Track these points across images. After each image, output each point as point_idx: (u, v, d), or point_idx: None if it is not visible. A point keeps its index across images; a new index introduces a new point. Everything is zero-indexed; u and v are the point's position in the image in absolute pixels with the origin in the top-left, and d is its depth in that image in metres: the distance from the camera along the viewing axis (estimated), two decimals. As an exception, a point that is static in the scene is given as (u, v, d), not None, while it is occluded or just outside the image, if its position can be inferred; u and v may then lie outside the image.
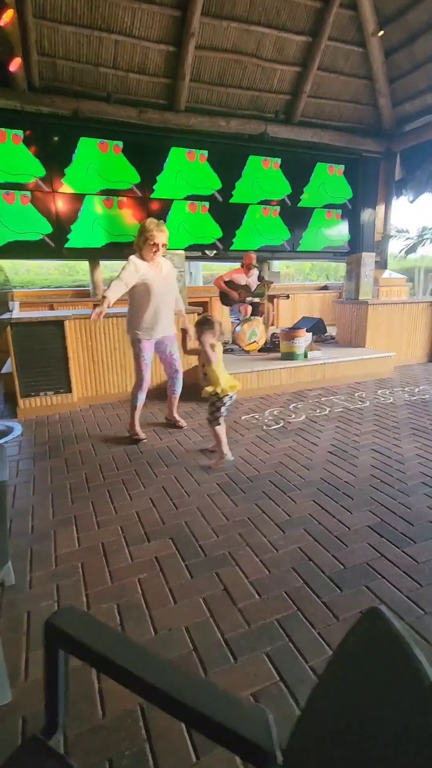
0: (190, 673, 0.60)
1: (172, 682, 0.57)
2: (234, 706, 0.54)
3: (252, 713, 0.52)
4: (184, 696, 0.55)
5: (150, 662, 0.61)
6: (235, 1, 5.67)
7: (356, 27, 6.31)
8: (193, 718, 0.53)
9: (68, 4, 5.14)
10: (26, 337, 3.62)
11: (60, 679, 0.69)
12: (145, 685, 0.58)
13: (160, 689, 0.56)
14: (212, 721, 0.52)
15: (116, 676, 0.63)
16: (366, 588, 1.63)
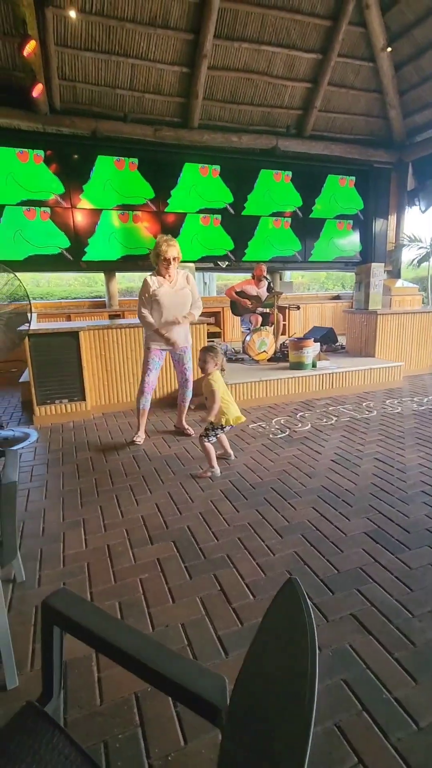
0: (162, 644, 0.69)
1: (147, 651, 0.66)
2: (196, 672, 0.62)
3: (211, 679, 0.61)
4: (156, 663, 0.64)
5: (128, 634, 0.70)
6: (246, 23, 5.87)
7: (365, 43, 6.44)
8: (162, 682, 0.62)
9: (88, 32, 5.42)
10: (43, 348, 3.79)
11: (55, 653, 0.79)
12: (124, 654, 0.67)
13: (135, 657, 0.65)
14: (177, 684, 0.61)
15: (100, 647, 0.72)
16: (357, 591, 1.68)
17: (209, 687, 0.59)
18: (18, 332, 3.51)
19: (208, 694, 0.58)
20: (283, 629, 0.48)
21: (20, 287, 3.44)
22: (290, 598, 0.48)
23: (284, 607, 0.49)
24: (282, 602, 0.50)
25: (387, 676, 1.32)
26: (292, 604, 0.46)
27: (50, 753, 0.70)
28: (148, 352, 3.30)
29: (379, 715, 1.20)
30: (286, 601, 0.49)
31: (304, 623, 0.42)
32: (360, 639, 1.46)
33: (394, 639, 1.46)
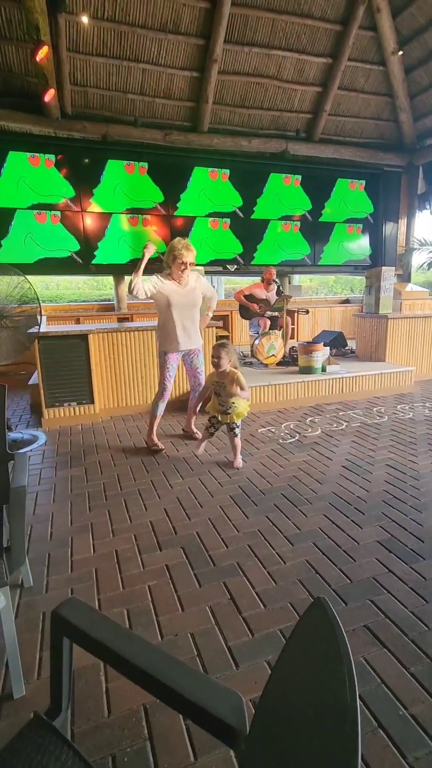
0: (176, 659, 0.67)
1: (159, 666, 0.63)
2: (212, 690, 0.60)
3: (227, 697, 0.58)
4: (169, 679, 0.61)
5: (141, 648, 0.67)
6: (256, 29, 5.88)
7: (376, 47, 6.42)
8: (175, 699, 0.59)
9: (100, 38, 5.47)
10: (52, 350, 3.80)
11: (64, 665, 0.77)
12: (136, 669, 0.64)
13: (148, 673, 0.62)
14: (191, 702, 0.58)
15: (112, 661, 0.69)
16: (371, 602, 1.64)
17: (226, 707, 0.56)
18: (28, 335, 3.52)
19: (225, 715, 0.55)
20: (313, 657, 0.45)
21: (30, 290, 3.45)
22: (320, 621, 0.45)
23: (313, 632, 0.46)
24: (310, 626, 0.47)
25: (403, 692, 1.28)
26: (322, 629, 0.43)
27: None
28: (165, 357, 3.21)
29: (395, 732, 1.16)
30: (315, 625, 0.46)
31: (338, 652, 0.39)
32: (374, 652, 1.42)
33: (410, 653, 1.42)
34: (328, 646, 0.40)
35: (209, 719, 0.57)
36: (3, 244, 5.78)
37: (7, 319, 3.40)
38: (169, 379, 3.24)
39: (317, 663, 0.43)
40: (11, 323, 3.44)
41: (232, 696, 0.59)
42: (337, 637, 0.40)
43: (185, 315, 3.16)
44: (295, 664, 0.48)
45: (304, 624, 0.48)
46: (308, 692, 0.42)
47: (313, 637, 0.46)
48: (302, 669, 0.47)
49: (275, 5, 5.77)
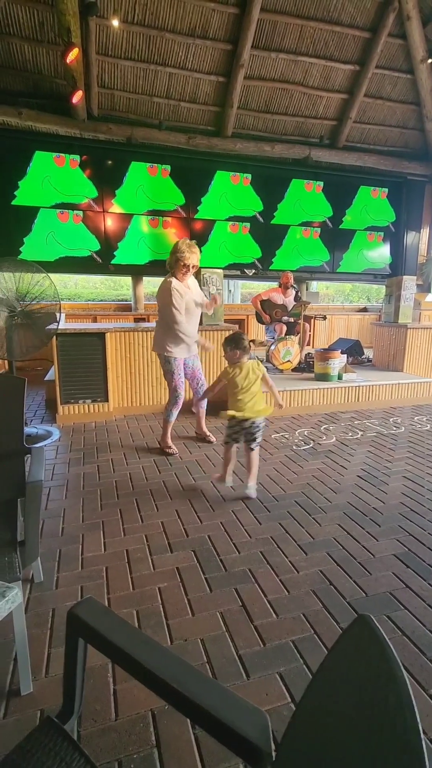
0: (198, 670, 0.64)
1: (181, 677, 0.60)
2: (236, 706, 0.57)
3: (252, 714, 0.55)
4: (190, 691, 0.59)
5: (161, 656, 0.65)
6: (284, 34, 5.89)
7: (404, 55, 6.37)
8: (197, 714, 0.57)
9: (128, 42, 5.54)
10: (69, 347, 3.82)
11: (78, 667, 0.74)
12: (155, 678, 0.62)
13: (168, 683, 0.60)
14: (214, 718, 0.55)
15: (128, 667, 0.67)
16: (387, 618, 1.59)
17: (250, 724, 0.53)
18: (46, 331, 3.54)
19: (249, 733, 0.52)
20: (360, 680, 0.42)
21: (50, 287, 3.48)
22: (365, 641, 0.41)
23: (358, 652, 0.42)
24: (354, 645, 0.44)
25: (422, 715, 1.22)
26: (369, 650, 0.40)
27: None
28: (175, 363, 3.11)
29: (414, 757, 1.11)
30: (360, 645, 0.42)
31: (392, 675, 0.36)
32: (391, 670, 1.37)
33: (429, 673, 1.36)
34: (377, 669, 0.37)
35: (233, 737, 0.54)
36: (26, 241, 5.86)
37: (28, 315, 3.43)
38: (182, 385, 3.19)
39: (365, 690, 0.39)
40: (30, 319, 3.47)
41: (257, 714, 0.56)
42: (390, 660, 0.37)
43: (193, 320, 3.14)
44: (335, 686, 0.45)
45: (346, 643, 0.45)
46: (355, 724, 0.39)
47: (358, 658, 0.42)
48: (345, 691, 0.44)
49: (304, 12, 5.77)
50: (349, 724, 0.39)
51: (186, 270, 3.00)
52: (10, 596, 0.71)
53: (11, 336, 3.34)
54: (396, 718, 0.34)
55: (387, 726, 0.34)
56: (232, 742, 0.53)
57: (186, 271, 3.01)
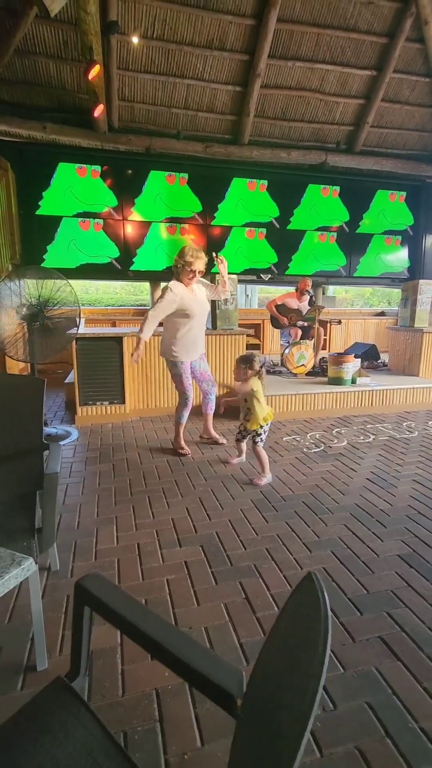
0: (186, 635, 0.72)
1: (171, 638, 0.69)
2: (216, 663, 0.65)
3: (229, 670, 0.63)
4: (180, 651, 0.67)
5: (154, 621, 0.73)
6: (300, 43, 5.97)
7: (423, 59, 6.35)
8: (184, 669, 0.65)
9: (148, 56, 5.72)
10: (88, 351, 3.98)
11: (84, 632, 0.84)
12: (149, 639, 0.70)
13: (159, 643, 0.68)
14: (197, 672, 0.63)
15: (127, 630, 0.76)
16: (387, 614, 1.63)
17: (227, 677, 0.61)
18: (67, 335, 3.70)
19: (226, 684, 0.60)
20: (300, 622, 0.49)
21: (71, 293, 3.64)
22: (309, 592, 0.49)
23: (304, 601, 0.50)
24: (300, 595, 0.52)
25: (414, 705, 1.27)
26: (310, 598, 0.48)
27: (75, 725, 0.74)
28: (182, 367, 3.19)
29: (403, 744, 1.16)
30: (304, 596, 0.50)
31: (319, 612, 0.43)
32: (388, 664, 1.42)
33: (424, 668, 1.40)
34: (313, 613, 0.44)
35: (212, 687, 0.62)
36: (49, 249, 6.10)
37: (50, 320, 3.60)
38: (190, 387, 3.25)
39: (302, 628, 0.47)
40: (52, 324, 3.63)
41: (233, 670, 0.64)
42: (321, 604, 0.45)
43: (199, 323, 3.20)
44: (283, 630, 0.53)
45: (295, 595, 0.53)
46: (290, 649, 0.47)
47: (302, 605, 0.50)
48: (288, 634, 0.51)
49: (321, 20, 5.84)
50: (289, 656, 0.47)
51: (192, 275, 3.06)
52: (26, 565, 0.81)
53: (33, 340, 3.51)
54: (317, 639, 0.42)
55: (310, 645, 0.42)
56: (212, 691, 0.61)
57: (192, 276, 3.07)
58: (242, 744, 0.49)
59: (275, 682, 0.45)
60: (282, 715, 0.39)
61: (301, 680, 0.40)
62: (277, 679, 0.46)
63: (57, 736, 0.71)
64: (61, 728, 0.72)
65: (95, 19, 4.26)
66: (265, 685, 0.44)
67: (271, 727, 0.41)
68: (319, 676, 0.39)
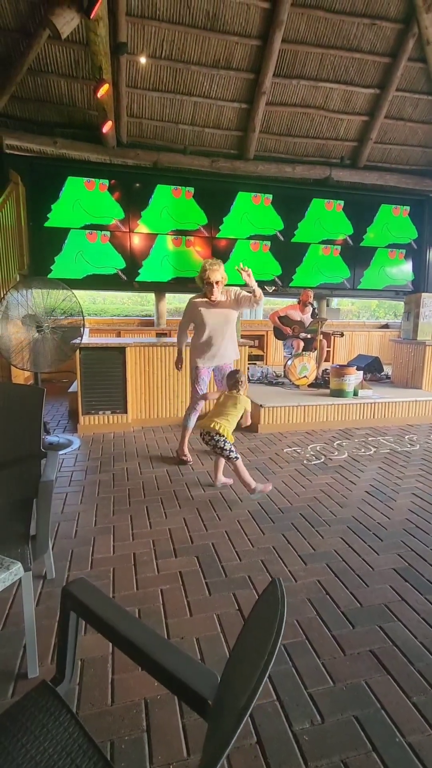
0: (166, 640, 0.74)
1: (151, 642, 0.71)
2: (193, 668, 0.66)
3: (205, 675, 0.65)
4: (159, 656, 0.69)
5: (136, 626, 0.75)
6: (305, 63, 6.11)
7: (425, 78, 6.47)
8: (162, 674, 0.67)
9: (156, 75, 5.89)
10: (92, 361, 4.03)
11: (70, 637, 0.86)
12: (130, 643, 0.72)
13: (138, 646, 0.70)
14: (174, 677, 0.65)
15: (109, 635, 0.78)
16: (379, 628, 1.62)
17: (201, 681, 0.63)
18: (71, 345, 3.77)
19: (199, 687, 0.62)
20: (259, 625, 0.52)
21: (76, 303, 3.71)
22: (272, 597, 0.51)
23: (267, 604, 0.53)
24: (266, 600, 0.54)
25: (402, 720, 1.26)
26: (272, 603, 0.50)
27: (57, 728, 0.76)
28: (197, 371, 3.33)
29: (389, 758, 1.15)
30: (269, 599, 0.53)
31: (276, 615, 0.46)
32: (377, 678, 1.41)
33: (414, 682, 1.39)
34: (272, 616, 0.47)
35: (187, 691, 0.64)
36: (56, 260, 6.22)
37: (55, 330, 3.67)
38: (201, 390, 3.34)
39: (263, 627, 0.49)
40: (57, 334, 3.70)
41: (209, 675, 0.66)
42: (279, 607, 0.47)
43: (216, 331, 3.27)
44: (245, 633, 0.55)
45: (260, 601, 0.55)
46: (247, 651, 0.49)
47: (264, 610, 0.52)
48: (248, 637, 0.54)
49: (325, 41, 5.98)
50: (244, 657, 0.49)
51: (210, 287, 3.17)
52: (14, 569, 0.84)
53: (38, 349, 3.57)
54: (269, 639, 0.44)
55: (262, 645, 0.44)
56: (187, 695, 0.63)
57: (211, 288, 3.17)
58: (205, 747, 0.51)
59: (230, 683, 0.47)
60: (225, 713, 0.41)
61: (245, 679, 0.43)
62: (232, 680, 0.48)
63: (38, 738, 0.73)
64: (42, 731, 0.74)
65: (104, 41, 4.40)
66: (225, 687, 0.46)
67: (217, 725, 0.43)
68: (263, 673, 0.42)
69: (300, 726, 1.24)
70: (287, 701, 1.32)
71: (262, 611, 0.53)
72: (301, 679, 1.40)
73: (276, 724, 1.25)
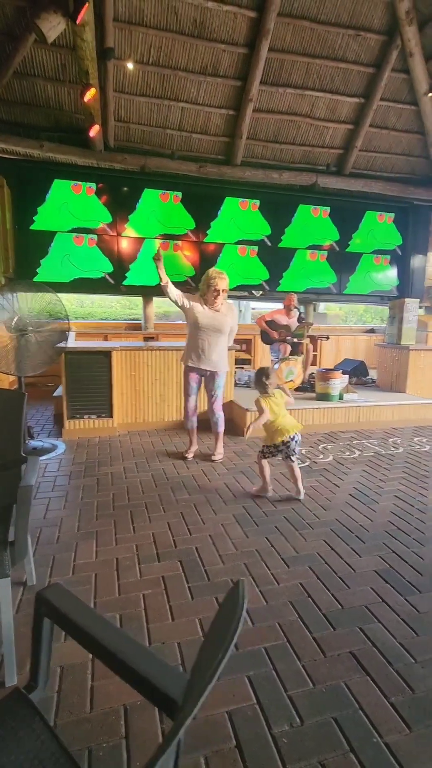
0: (137, 642, 0.74)
1: (122, 646, 0.71)
2: (163, 670, 0.67)
3: (175, 677, 0.65)
4: (127, 657, 0.69)
5: (108, 629, 0.75)
6: (291, 71, 6.20)
7: (408, 88, 6.61)
8: (134, 677, 0.67)
9: (144, 80, 5.91)
10: (77, 364, 4.01)
11: (44, 644, 0.85)
12: (101, 647, 0.72)
13: (110, 650, 0.70)
14: (145, 679, 0.65)
15: (84, 642, 0.78)
16: (359, 629, 1.64)
17: (172, 683, 0.64)
18: (55, 348, 3.74)
19: (169, 689, 0.62)
20: (219, 626, 0.53)
21: (61, 307, 3.69)
22: (234, 597, 0.52)
23: (230, 604, 0.53)
24: (230, 601, 0.55)
25: (380, 721, 1.28)
26: (234, 601, 0.51)
27: (29, 736, 0.75)
28: (185, 375, 3.47)
29: (366, 758, 1.16)
30: (231, 600, 0.53)
31: (235, 614, 0.47)
32: (357, 679, 1.43)
33: (393, 683, 1.41)
34: (231, 615, 0.47)
35: (157, 693, 0.64)
36: (42, 263, 6.17)
37: (39, 334, 3.64)
38: (188, 392, 3.46)
39: (225, 626, 0.50)
40: (42, 337, 3.67)
41: (178, 675, 0.66)
42: (239, 607, 0.48)
43: (207, 337, 3.32)
44: (214, 631, 0.56)
45: (226, 600, 0.56)
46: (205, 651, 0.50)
47: (225, 610, 0.53)
48: (216, 634, 0.54)
49: (310, 50, 6.08)
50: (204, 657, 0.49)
51: (216, 294, 3.29)
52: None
53: (22, 353, 3.54)
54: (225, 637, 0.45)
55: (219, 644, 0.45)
56: (155, 696, 0.63)
57: (217, 294, 3.29)
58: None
59: (192, 684, 0.48)
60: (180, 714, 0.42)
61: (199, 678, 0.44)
62: (191, 680, 0.49)
63: (8, 745, 0.72)
64: (13, 738, 0.73)
65: (91, 46, 4.41)
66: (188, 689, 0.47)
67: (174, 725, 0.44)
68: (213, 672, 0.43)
69: (279, 729, 1.25)
70: (267, 704, 1.32)
71: (225, 611, 0.54)
72: (281, 681, 1.40)
73: (255, 727, 1.25)
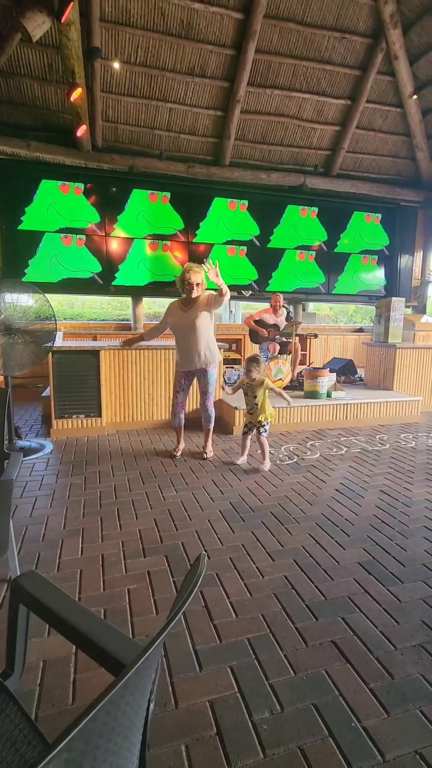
0: (106, 621, 0.76)
1: (86, 622, 0.72)
2: (118, 637, 0.69)
3: (127, 643, 0.68)
4: (84, 627, 0.71)
5: (81, 613, 0.76)
6: (278, 73, 6.26)
7: (394, 90, 6.71)
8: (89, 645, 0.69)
9: (131, 80, 5.93)
10: (64, 364, 3.99)
11: (19, 631, 0.86)
12: (72, 628, 0.73)
13: (78, 629, 0.72)
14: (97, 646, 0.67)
15: (56, 624, 0.78)
16: (341, 619, 1.66)
17: (121, 648, 0.66)
18: (43, 348, 3.72)
19: (118, 653, 0.65)
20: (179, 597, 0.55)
21: (48, 307, 3.67)
22: (194, 569, 0.54)
23: (190, 576, 0.55)
24: (191, 574, 0.57)
25: (359, 706, 1.30)
26: (192, 575, 0.52)
27: (2, 720, 0.76)
28: (175, 375, 3.53)
29: (344, 742, 1.18)
30: (192, 572, 0.55)
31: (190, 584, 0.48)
32: (337, 666, 1.45)
33: (372, 670, 1.43)
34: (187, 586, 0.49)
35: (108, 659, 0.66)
36: (30, 263, 6.15)
37: (26, 334, 3.62)
38: (176, 395, 3.48)
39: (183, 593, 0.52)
40: (30, 337, 3.65)
41: (129, 642, 0.69)
42: (195, 577, 0.50)
43: (184, 337, 3.33)
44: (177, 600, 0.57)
45: (189, 573, 0.57)
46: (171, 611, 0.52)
47: (189, 580, 0.55)
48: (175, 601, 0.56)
49: (297, 52, 6.15)
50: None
51: (190, 287, 3.28)
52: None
53: (8, 353, 3.52)
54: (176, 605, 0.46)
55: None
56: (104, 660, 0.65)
57: (191, 288, 3.28)
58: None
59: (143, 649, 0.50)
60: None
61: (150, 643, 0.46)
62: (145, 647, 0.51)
63: (-19, 729, 0.73)
64: (-14, 722, 0.74)
65: (77, 45, 4.41)
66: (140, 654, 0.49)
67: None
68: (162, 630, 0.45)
69: (260, 716, 1.26)
70: (248, 692, 1.34)
71: (186, 583, 0.56)
72: (263, 670, 1.42)
73: (236, 714, 1.26)
